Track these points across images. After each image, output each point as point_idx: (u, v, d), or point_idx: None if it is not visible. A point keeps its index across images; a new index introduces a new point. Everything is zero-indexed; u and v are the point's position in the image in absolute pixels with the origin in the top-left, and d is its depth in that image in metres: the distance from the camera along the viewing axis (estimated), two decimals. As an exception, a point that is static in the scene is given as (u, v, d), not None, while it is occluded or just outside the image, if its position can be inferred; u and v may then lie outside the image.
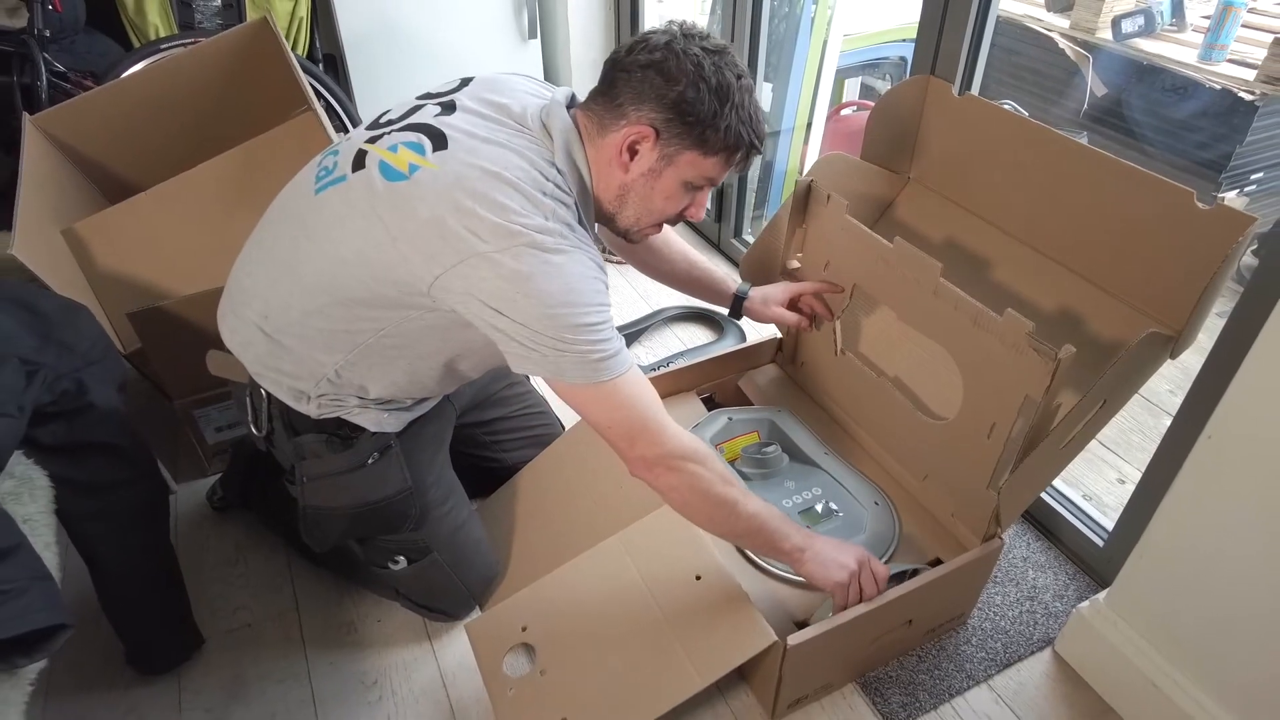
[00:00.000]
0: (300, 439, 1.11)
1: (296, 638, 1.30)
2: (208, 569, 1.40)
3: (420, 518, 1.17)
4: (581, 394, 0.97)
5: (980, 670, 1.23)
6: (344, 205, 0.97)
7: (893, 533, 1.25)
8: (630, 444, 1.00)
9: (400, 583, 1.25)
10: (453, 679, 1.24)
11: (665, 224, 1.10)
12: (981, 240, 1.34)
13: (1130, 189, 1.11)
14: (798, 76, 2.28)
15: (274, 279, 1.03)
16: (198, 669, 1.26)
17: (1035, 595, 1.33)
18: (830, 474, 1.34)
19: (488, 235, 0.89)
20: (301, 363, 1.04)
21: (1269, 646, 0.97)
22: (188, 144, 1.62)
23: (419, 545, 1.19)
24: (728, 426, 1.42)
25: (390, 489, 1.13)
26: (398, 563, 1.20)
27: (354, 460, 1.11)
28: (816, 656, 1.10)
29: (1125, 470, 1.59)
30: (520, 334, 0.92)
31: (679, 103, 0.94)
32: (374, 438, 1.12)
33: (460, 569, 1.25)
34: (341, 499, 1.12)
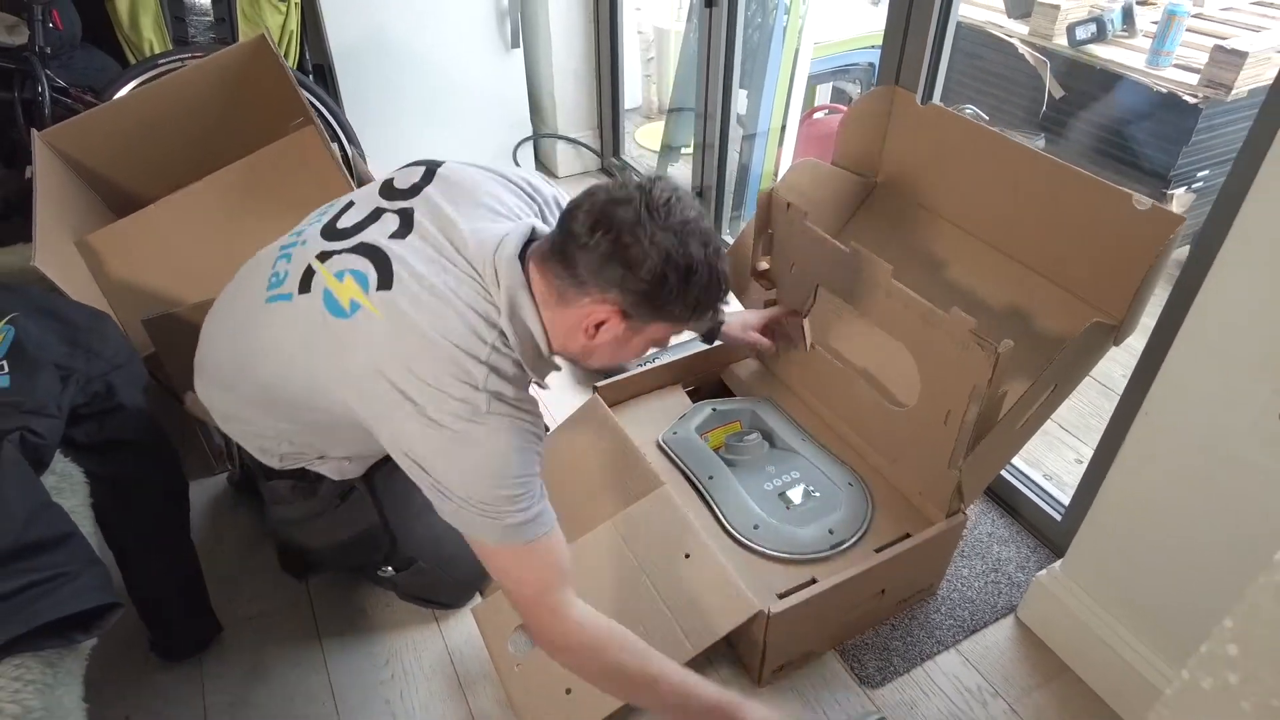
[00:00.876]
0: (270, 483, 1.17)
1: (310, 623, 1.38)
2: (223, 561, 1.48)
3: (391, 544, 1.24)
4: (491, 553, 0.96)
5: (949, 636, 1.33)
6: (288, 326, 0.99)
7: (866, 512, 1.34)
8: (534, 610, 0.98)
9: (395, 585, 1.33)
10: (460, 656, 1.32)
11: None
12: (943, 239, 1.44)
13: (1076, 191, 1.22)
14: (771, 83, 2.38)
15: (230, 361, 1.08)
16: (218, 655, 1.33)
17: (999, 567, 1.44)
18: (808, 459, 1.43)
19: (419, 398, 0.89)
20: (262, 431, 1.10)
21: (1201, 602, 1.08)
22: (190, 157, 1.69)
23: (401, 559, 1.27)
24: (712, 416, 1.52)
25: (358, 527, 1.19)
26: (386, 572, 1.28)
27: (318, 507, 1.17)
28: (797, 625, 1.19)
29: (1083, 451, 1.71)
30: (438, 490, 0.93)
31: (645, 291, 0.89)
32: (336, 484, 1.17)
33: (449, 569, 1.32)
34: (313, 540, 1.20)
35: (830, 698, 1.25)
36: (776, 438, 1.48)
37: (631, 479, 1.36)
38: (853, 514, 1.33)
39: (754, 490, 1.35)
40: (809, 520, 1.31)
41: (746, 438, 1.46)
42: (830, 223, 1.59)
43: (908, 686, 1.27)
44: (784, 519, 1.30)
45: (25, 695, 0.75)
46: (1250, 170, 0.89)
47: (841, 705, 1.24)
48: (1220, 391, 0.97)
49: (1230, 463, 0.98)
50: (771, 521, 1.29)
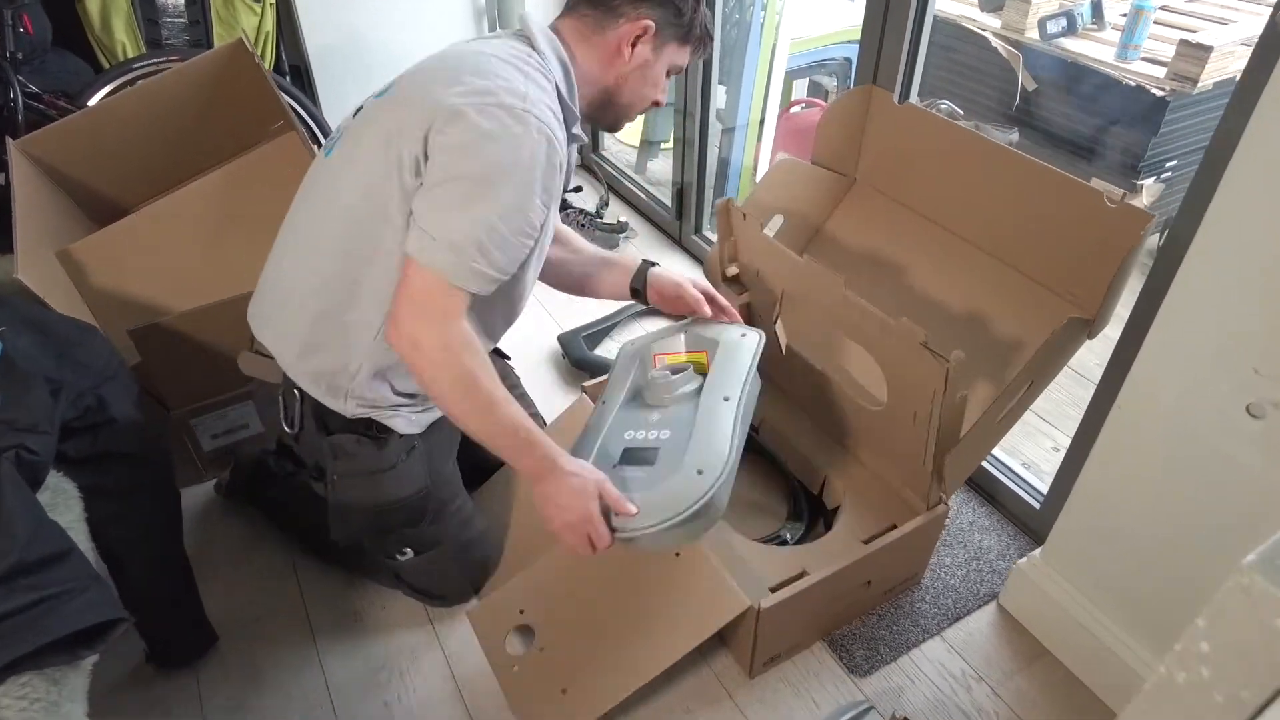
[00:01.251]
0: (333, 438, 1.18)
1: (305, 629, 1.39)
2: (215, 569, 1.48)
3: (436, 513, 1.26)
4: (420, 273, 0.99)
5: (934, 624, 1.37)
6: (348, 143, 1.08)
7: (691, 502, 1.03)
8: (413, 319, 1.00)
9: (405, 572, 1.34)
10: (457, 659, 1.34)
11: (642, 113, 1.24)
12: (920, 235, 1.48)
13: (1049, 189, 1.25)
14: (750, 78, 2.40)
15: (298, 261, 1.12)
16: (214, 663, 1.34)
17: (981, 555, 1.48)
18: (695, 423, 1.14)
19: (465, 92, 0.98)
20: (338, 355, 1.11)
21: (1176, 587, 1.12)
22: (169, 163, 1.68)
23: (429, 539, 1.29)
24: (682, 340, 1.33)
25: (413, 487, 1.22)
26: (405, 554, 1.29)
27: (385, 461, 1.19)
28: (786, 618, 1.22)
29: (1060, 440, 1.75)
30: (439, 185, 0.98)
31: (674, 5, 1.11)
32: (403, 439, 1.20)
33: (462, 560, 1.35)
34: (370, 496, 1.21)
35: (820, 687, 1.29)
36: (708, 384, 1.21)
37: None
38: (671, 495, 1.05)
39: (613, 433, 1.20)
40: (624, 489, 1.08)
41: (671, 378, 1.24)
42: (809, 220, 1.62)
43: (894, 674, 1.31)
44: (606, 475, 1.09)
45: (33, 713, 0.76)
46: (1219, 165, 0.91)
47: (831, 694, 1.28)
48: (1191, 383, 1.00)
49: (1201, 453, 1.01)
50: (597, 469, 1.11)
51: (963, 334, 1.37)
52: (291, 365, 1.15)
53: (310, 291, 1.11)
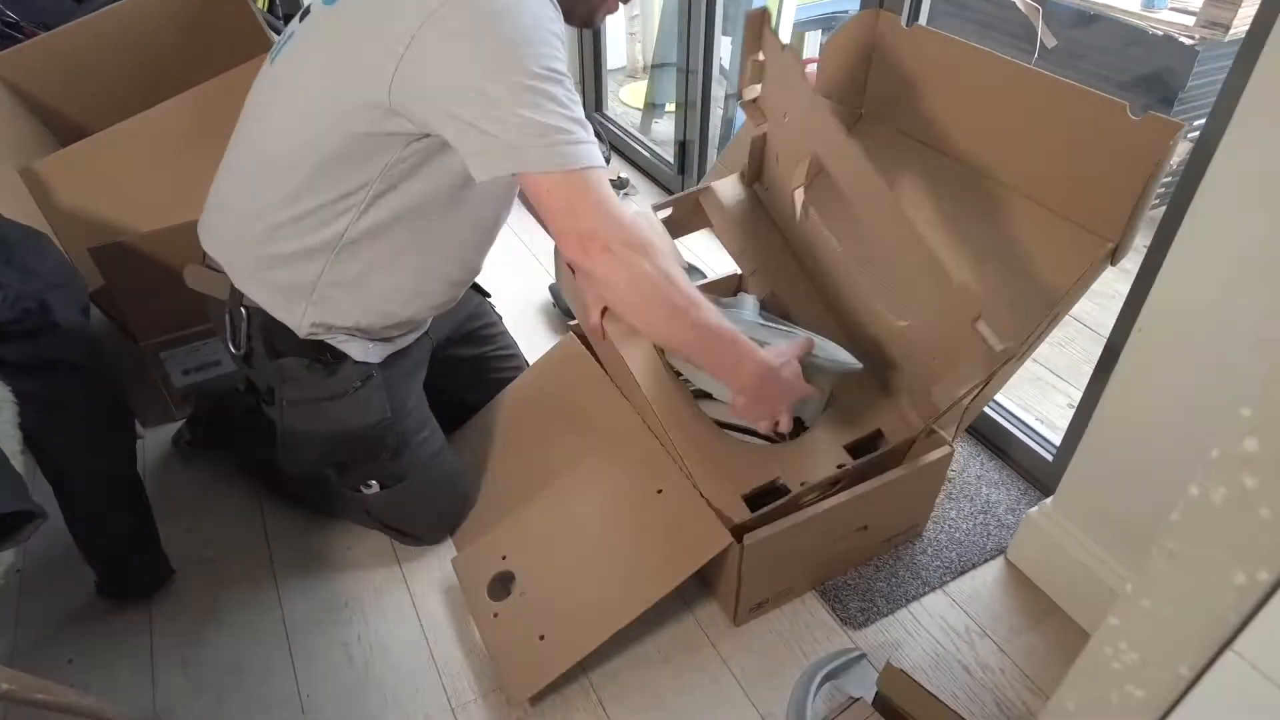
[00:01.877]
0: (282, 361, 1.10)
1: (267, 567, 1.32)
2: (177, 508, 1.41)
3: (398, 447, 1.19)
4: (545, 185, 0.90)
5: (936, 577, 1.28)
6: (299, 50, 0.99)
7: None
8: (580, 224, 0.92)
9: (373, 506, 1.27)
10: (423, 598, 1.26)
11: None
12: (933, 169, 1.38)
13: (1070, 106, 1.15)
14: (758, 32, 2.30)
15: (253, 172, 1.04)
16: (169, 598, 1.27)
17: (989, 509, 1.38)
18: None
19: None
20: (296, 266, 1.04)
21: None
22: (144, 88, 1.61)
23: (394, 472, 1.21)
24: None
25: (370, 417, 1.14)
26: (370, 487, 1.22)
27: (336, 388, 1.11)
28: (774, 555, 1.13)
29: (1074, 395, 1.65)
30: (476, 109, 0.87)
31: None
32: (357, 366, 1.12)
33: (432, 496, 1.27)
34: (321, 424, 1.13)
35: (810, 638, 1.20)
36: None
37: (604, 418, 1.30)
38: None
39: None
40: None
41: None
42: (814, 157, 1.53)
43: (892, 628, 1.21)
44: None
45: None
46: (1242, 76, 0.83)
47: (823, 646, 1.18)
48: (1219, 298, 0.91)
49: (1230, 375, 0.92)
50: None
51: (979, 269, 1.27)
52: (245, 279, 1.08)
53: (268, 204, 1.03)
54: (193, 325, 1.50)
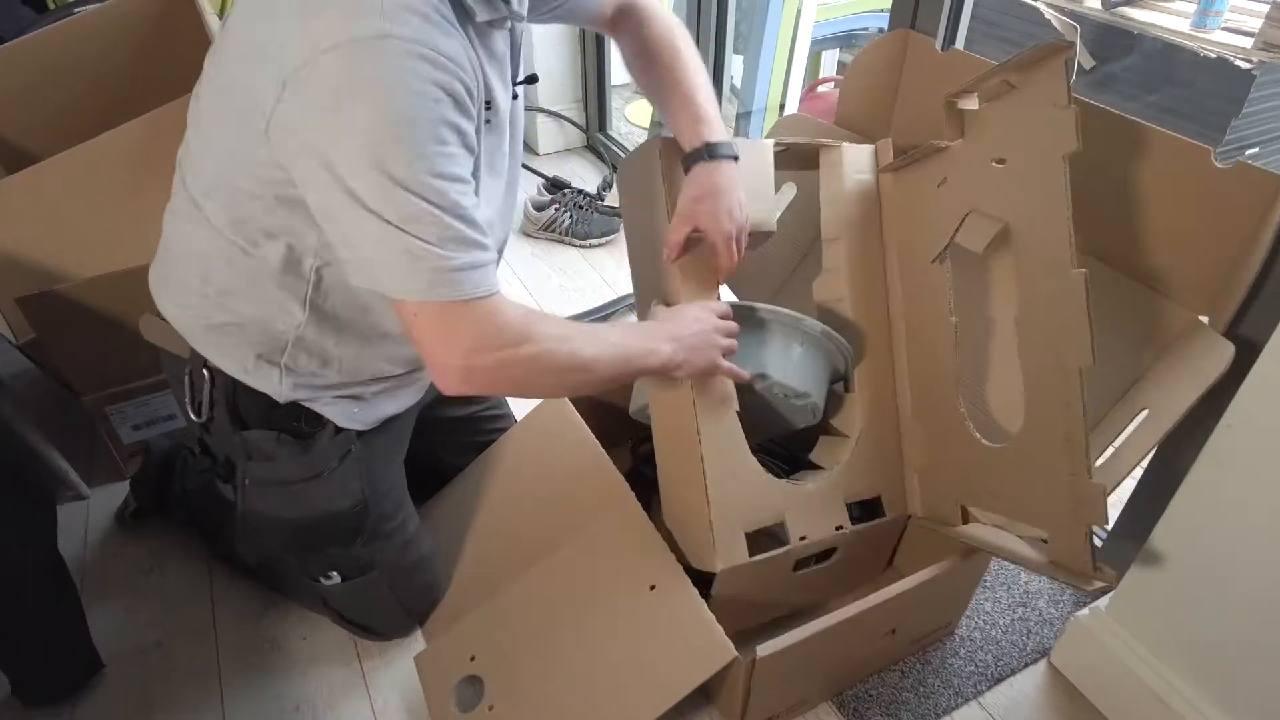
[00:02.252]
0: (248, 434, 0.96)
1: (211, 658, 1.17)
2: (116, 580, 1.26)
3: (371, 533, 1.04)
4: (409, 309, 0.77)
5: (969, 686, 1.11)
6: (206, 83, 0.83)
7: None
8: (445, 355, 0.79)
9: (332, 598, 1.12)
10: (385, 706, 1.11)
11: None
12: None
13: (1135, 148, 1.00)
14: (770, 48, 2.16)
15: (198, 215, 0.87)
16: (96, 697, 1.12)
17: (1028, 601, 1.22)
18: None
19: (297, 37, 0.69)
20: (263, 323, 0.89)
21: (1293, 660, 0.86)
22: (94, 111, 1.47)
23: (362, 562, 1.06)
24: None
25: (346, 501, 0.99)
26: (331, 578, 1.07)
27: (310, 468, 0.97)
28: (787, 670, 0.98)
29: (1121, 462, 1.49)
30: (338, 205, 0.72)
31: None
32: (336, 439, 0.98)
33: (400, 588, 1.12)
34: (289, 509, 0.99)
35: (826, 761, 1.04)
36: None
37: (590, 492, 1.14)
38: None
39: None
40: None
41: None
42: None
43: (920, 748, 1.06)
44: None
45: None
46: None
47: (840, 771, 1.03)
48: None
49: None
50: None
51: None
52: (205, 343, 0.93)
53: (207, 260, 0.88)
54: (142, 377, 1.35)
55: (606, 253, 2.07)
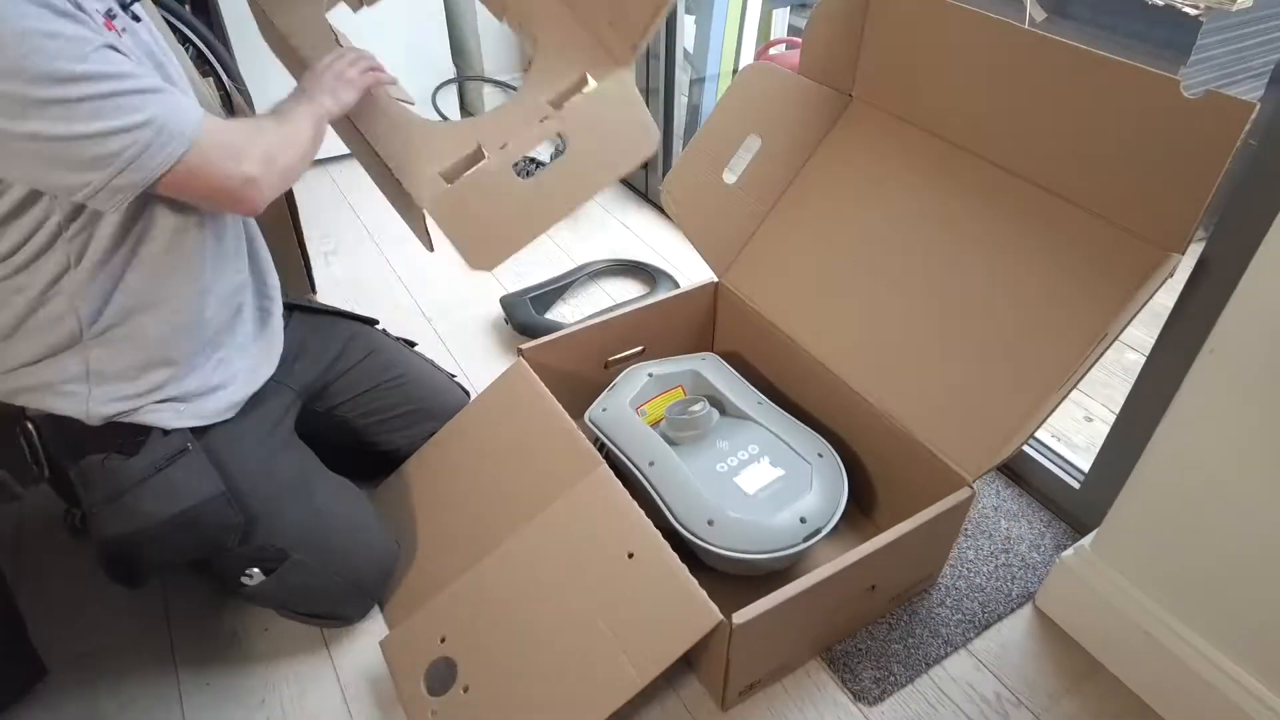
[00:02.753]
0: (81, 464, 0.93)
1: (167, 656, 1.10)
2: (59, 581, 1.18)
3: (249, 523, 0.98)
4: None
5: (958, 634, 1.10)
6: None
7: (841, 489, 1.11)
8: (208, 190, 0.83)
9: (265, 596, 1.05)
10: (355, 692, 1.05)
11: None
12: (942, 164, 1.19)
13: (1102, 82, 0.98)
14: (721, 10, 2.11)
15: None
16: (38, 707, 1.04)
17: (1010, 547, 1.21)
18: (767, 427, 1.18)
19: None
20: (46, 344, 0.87)
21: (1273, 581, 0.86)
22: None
23: (270, 551, 1.00)
24: (648, 384, 1.27)
25: (195, 496, 0.94)
26: (252, 577, 1.00)
27: (142, 470, 0.92)
28: (768, 634, 0.94)
29: (1091, 407, 1.49)
30: None
31: None
32: (165, 440, 0.94)
33: (336, 564, 1.05)
34: (137, 520, 0.93)
35: (819, 719, 1.01)
36: (727, 403, 1.24)
37: (562, 462, 1.09)
38: (827, 495, 1.09)
39: (705, 475, 1.11)
40: (775, 508, 1.07)
41: (691, 408, 1.20)
42: (795, 147, 1.33)
43: (912, 700, 1.04)
44: (744, 508, 1.06)
45: None
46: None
47: (833, 729, 1.00)
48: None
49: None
50: (729, 514, 1.05)
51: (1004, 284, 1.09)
52: (6, 391, 0.91)
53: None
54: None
55: (563, 223, 2.02)
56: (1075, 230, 1.04)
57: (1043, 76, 1.03)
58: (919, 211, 1.19)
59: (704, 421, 1.19)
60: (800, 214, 1.32)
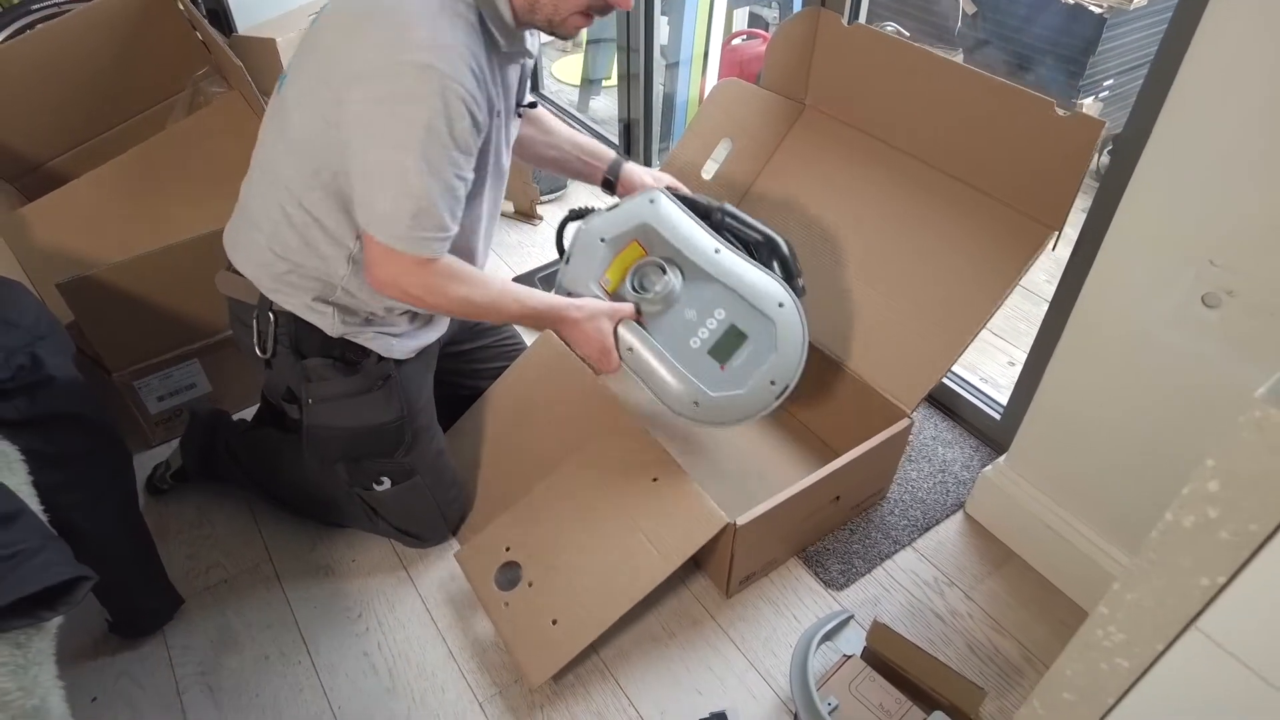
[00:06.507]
0: (307, 362, 1.17)
1: (275, 585, 1.36)
2: (173, 534, 1.43)
3: (411, 442, 1.25)
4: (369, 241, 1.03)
5: (904, 535, 1.40)
6: (293, 81, 1.05)
7: (801, 334, 1.21)
8: (387, 278, 1.06)
9: (381, 504, 1.31)
10: (433, 601, 1.32)
11: (596, 12, 1.06)
12: (877, 157, 1.47)
13: (999, 102, 1.25)
14: (691, 9, 2.35)
15: (266, 192, 1.10)
16: (182, 628, 1.30)
17: (945, 468, 1.51)
18: (727, 283, 1.22)
19: (373, 46, 0.95)
20: (320, 273, 1.11)
21: (1137, 483, 1.16)
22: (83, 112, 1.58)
23: (405, 468, 1.26)
24: (603, 252, 1.26)
25: (389, 415, 1.21)
26: (382, 484, 1.27)
27: (359, 385, 1.18)
28: (761, 533, 1.23)
29: (1014, 354, 1.79)
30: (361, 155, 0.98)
31: None
32: (378, 365, 1.19)
33: (438, 493, 1.33)
34: (343, 420, 1.20)
35: (799, 602, 1.31)
36: (684, 263, 1.24)
37: (596, 406, 1.37)
38: (791, 350, 1.20)
39: (681, 354, 1.21)
40: (747, 374, 1.19)
41: (654, 285, 1.23)
42: (760, 146, 1.60)
43: (870, 585, 1.34)
44: (722, 384, 1.19)
45: None
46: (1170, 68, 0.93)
47: (810, 609, 1.30)
48: (1147, 281, 1.03)
49: (1160, 348, 1.04)
50: (710, 393, 1.19)
51: (927, 254, 1.38)
52: (272, 287, 1.14)
53: (276, 224, 1.09)
54: (163, 352, 1.50)
55: (555, 207, 2.26)
56: (982, 211, 1.33)
57: (955, 94, 1.31)
58: (860, 197, 1.47)
59: (668, 296, 1.22)
60: (765, 202, 1.59)
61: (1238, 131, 0.89)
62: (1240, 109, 0.87)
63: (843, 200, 1.49)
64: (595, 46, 2.71)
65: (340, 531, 1.43)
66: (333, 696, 1.21)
